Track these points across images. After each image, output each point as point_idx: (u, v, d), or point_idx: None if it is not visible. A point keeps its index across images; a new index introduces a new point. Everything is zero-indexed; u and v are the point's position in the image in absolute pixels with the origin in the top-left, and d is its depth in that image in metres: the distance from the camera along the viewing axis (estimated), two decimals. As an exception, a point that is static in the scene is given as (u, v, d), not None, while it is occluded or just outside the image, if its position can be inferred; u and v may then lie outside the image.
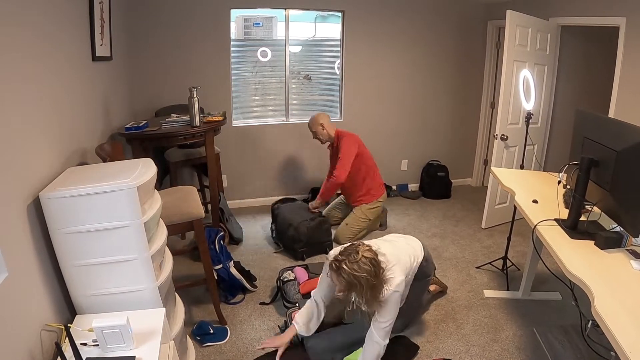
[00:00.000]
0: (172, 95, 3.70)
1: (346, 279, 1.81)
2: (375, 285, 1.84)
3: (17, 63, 1.51)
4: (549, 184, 2.38)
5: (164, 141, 2.92)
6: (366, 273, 1.79)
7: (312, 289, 2.56)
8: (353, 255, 1.82)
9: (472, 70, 4.62)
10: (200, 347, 2.34)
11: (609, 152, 1.70)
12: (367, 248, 1.89)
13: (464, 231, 3.81)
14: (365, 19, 4.15)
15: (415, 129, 4.66)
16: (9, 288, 1.30)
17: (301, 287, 2.67)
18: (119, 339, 1.39)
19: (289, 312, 2.48)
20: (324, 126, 3.47)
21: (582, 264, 1.61)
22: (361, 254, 1.83)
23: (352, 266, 1.79)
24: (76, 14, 2.25)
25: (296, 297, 2.63)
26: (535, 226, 1.93)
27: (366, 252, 1.85)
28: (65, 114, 1.98)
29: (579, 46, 3.89)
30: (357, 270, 1.79)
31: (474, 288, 2.92)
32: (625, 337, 1.23)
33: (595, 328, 2.07)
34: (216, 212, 3.34)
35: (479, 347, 2.35)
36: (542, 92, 3.76)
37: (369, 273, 1.80)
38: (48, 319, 1.52)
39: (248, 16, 4.02)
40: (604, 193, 1.77)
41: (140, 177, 1.62)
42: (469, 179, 5.08)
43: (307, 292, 2.62)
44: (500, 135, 3.59)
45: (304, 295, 2.61)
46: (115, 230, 1.57)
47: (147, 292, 1.68)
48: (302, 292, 2.64)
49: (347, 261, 1.81)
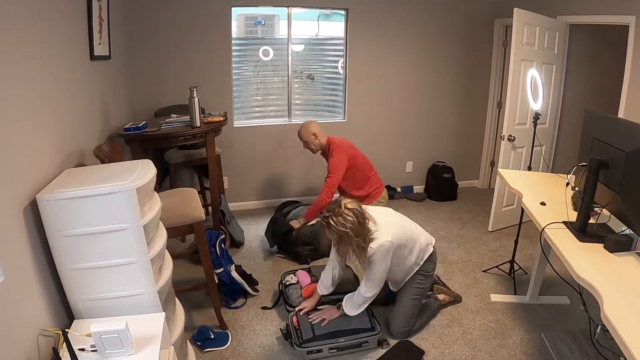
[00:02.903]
0: (172, 95, 3.68)
1: (335, 231, 2.05)
2: (361, 233, 2.07)
3: (13, 62, 1.49)
4: (557, 185, 2.36)
5: (163, 142, 2.89)
6: (351, 223, 2.03)
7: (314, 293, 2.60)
8: (337, 210, 2.06)
9: (478, 70, 4.58)
10: (201, 352, 2.32)
11: (618, 153, 1.69)
12: (349, 201, 2.11)
13: (470, 234, 3.77)
14: (370, 17, 4.12)
15: (420, 130, 4.62)
16: (5, 292, 1.29)
17: (304, 290, 2.64)
18: (117, 344, 1.38)
19: (290, 316, 2.45)
20: (317, 135, 3.33)
21: (591, 267, 1.60)
22: (344, 206, 2.06)
23: (337, 219, 2.04)
24: (74, 12, 2.23)
25: (298, 301, 2.59)
26: (543, 229, 1.91)
27: (349, 204, 2.08)
28: (62, 114, 1.96)
29: (588, 45, 3.85)
30: (343, 221, 2.03)
31: (480, 292, 2.88)
32: (635, 342, 1.21)
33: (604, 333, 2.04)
34: (217, 215, 3.31)
35: (486, 353, 2.31)
36: (550, 92, 3.72)
37: (353, 223, 2.03)
38: (45, 323, 1.51)
39: (249, 14, 3.98)
40: (614, 195, 1.75)
41: (139, 178, 1.60)
42: (475, 180, 5.03)
43: (309, 296, 2.61)
44: (507, 136, 3.56)
45: (306, 299, 2.58)
46: (113, 233, 1.55)
47: (147, 297, 1.66)
48: (305, 296, 2.61)
49: (333, 215, 2.05)
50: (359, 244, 2.07)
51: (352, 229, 2.03)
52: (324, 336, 2.27)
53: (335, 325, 2.31)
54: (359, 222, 2.06)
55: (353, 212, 2.05)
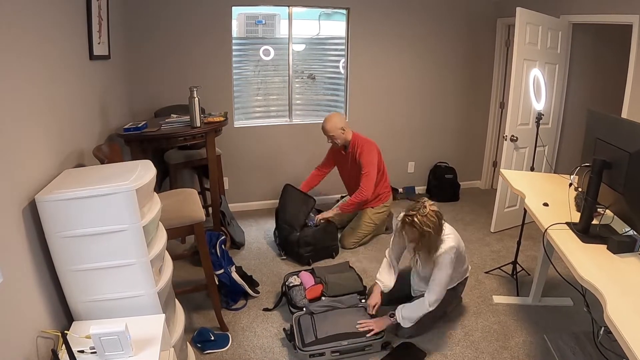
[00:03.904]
0: (172, 95, 3.66)
1: (418, 229, 2.13)
2: (439, 234, 2.20)
3: (11, 61, 1.49)
4: (560, 186, 2.36)
5: (163, 142, 2.87)
6: (433, 224, 2.14)
7: (318, 294, 2.62)
8: (422, 210, 2.15)
9: (480, 69, 4.56)
10: (201, 354, 2.31)
11: (621, 153, 1.68)
12: (431, 203, 2.21)
13: (472, 235, 3.75)
14: (371, 17, 4.10)
15: (422, 130, 4.60)
16: (3, 294, 1.28)
17: (308, 292, 2.63)
18: (117, 346, 1.37)
19: (294, 317, 2.43)
20: (345, 129, 3.31)
21: (594, 268, 1.60)
22: (428, 208, 2.17)
23: (422, 219, 2.13)
24: (73, 12, 2.22)
25: (303, 302, 2.56)
26: (546, 230, 1.90)
27: (432, 207, 2.19)
28: (61, 114, 1.95)
29: (591, 44, 3.83)
30: (427, 221, 2.13)
31: (482, 294, 2.86)
32: (638, 344, 1.21)
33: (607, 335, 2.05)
34: (217, 216, 3.30)
35: (488, 355, 2.30)
36: (553, 92, 3.70)
37: (434, 223, 2.15)
38: (44, 325, 1.50)
39: (250, 14, 3.97)
40: (617, 196, 1.74)
41: (139, 179, 1.60)
42: (477, 181, 5.01)
43: (314, 297, 2.60)
44: (509, 136, 3.54)
45: (310, 301, 2.57)
46: (113, 234, 1.55)
47: (146, 298, 1.65)
48: (309, 298, 2.59)
49: (418, 214, 2.14)
50: (436, 244, 2.20)
51: (434, 229, 2.15)
52: (326, 339, 2.24)
53: (338, 328, 2.29)
54: (439, 224, 2.19)
55: (436, 214, 2.18)
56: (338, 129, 3.29)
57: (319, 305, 2.47)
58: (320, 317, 2.39)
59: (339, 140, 3.34)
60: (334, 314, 2.42)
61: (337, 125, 3.30)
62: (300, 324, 2.36)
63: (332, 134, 3.31)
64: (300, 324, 2.36)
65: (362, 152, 3.32)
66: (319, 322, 2.34)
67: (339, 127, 3.29)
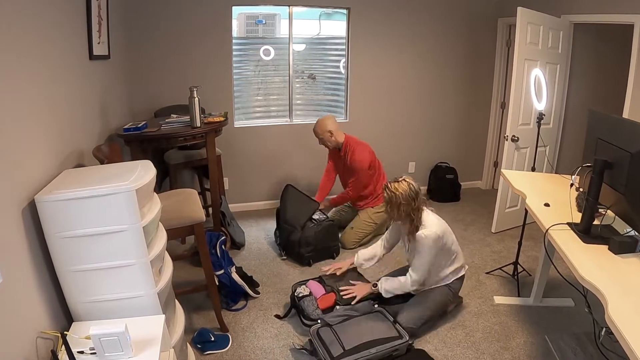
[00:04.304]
0: (172, 95, 3.66)
1: (388, 194, 2.31)
2: (410, 203, 2.29)
3: (11, 61, 1.48)
4: (561, 186, 2.35)
5: (163, 142, 2.86)
6: (403, 190, 2.28)
7: (331, 304, 2.48)
8: (397, 179, 2.35)
9: (481, 69, 4.55)
10: (201, 355, 2.30)
11: (623, 153, 1.68)
12: (411, 179, 2.35)
13: (473, 235, 3.74)
14: (372, 17, 4.09)
15: (423, 130, 4.60)
16: (3, 294, 1.28)
17: (319, 302, 2.47)
18: (117, 347, 1.36)
19: (312, 330, 2.28)
20: (333, 133, 3.31)
21: (596, 269, 1.59)
22: (404, 178, 2.35)
23: (394, 184, 2.32)
24: (73, 12, 2.22)
25: (316, 313, 2.41)
26: (547, 230, 1.89)
27: (408, 178, 2.35)
28: (61, 114, 1.94)
29: (592, 44, 3.82)
30: (398, 188, 2.29)
31: (483, 294, 2.86)
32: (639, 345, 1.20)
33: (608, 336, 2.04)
34: (217, 216, 3.29)
35: (489, 355, 2.29)
36: (554, 92, 3.69)
37: (405, 191, 2.28)
38: (44, 326, 1.50)
39: (250, 13, 3.96)
40: (618, 196, 1.74)
41: (139, 179, 1.59)
42: (478, 181, 5.00)
43: (327, 307, 2.44)
44: (510, 137, 3.53)
45: (324, 311, 2.41)
46: (113, 235, 1.54)
47: (146, 299, 1.65)
48: (322, 308, 2.43)
49: (394, 182, 2.33)
50: (407, 211, 2.30)
51: (402, 196, 2.27)
52: (355, 349, 2.14)
53: (363, 337, 2.20)
54: (410, 193, 2.29)
55: (409, 185, 2.31)
56: (326, 132, 3.31)
57: (334, 315, 2.36)
58: (339, 328, 2.28)
59: (328, 143, 3.37)
60: (351, 324, 2.32)
61: (325, 128, 3.31)
62: (321, 336, 2.24)
63: (321, 137, 3.35)
64: (321, 336, 2.24)
65: (352, 156, 3.34)
66: (342, 334, 2.24)
67: (326, 130, 3.31)
